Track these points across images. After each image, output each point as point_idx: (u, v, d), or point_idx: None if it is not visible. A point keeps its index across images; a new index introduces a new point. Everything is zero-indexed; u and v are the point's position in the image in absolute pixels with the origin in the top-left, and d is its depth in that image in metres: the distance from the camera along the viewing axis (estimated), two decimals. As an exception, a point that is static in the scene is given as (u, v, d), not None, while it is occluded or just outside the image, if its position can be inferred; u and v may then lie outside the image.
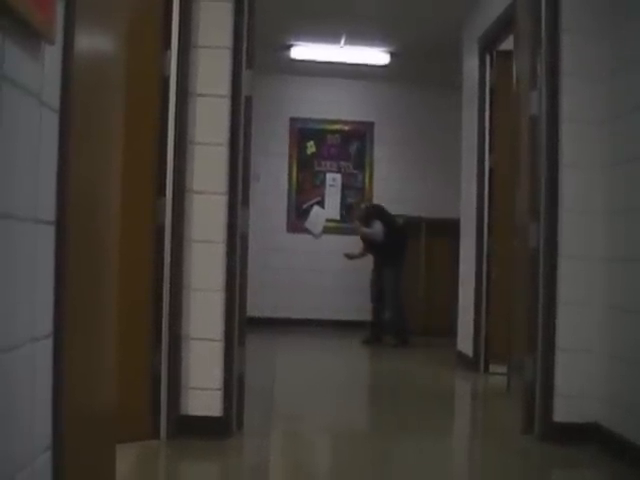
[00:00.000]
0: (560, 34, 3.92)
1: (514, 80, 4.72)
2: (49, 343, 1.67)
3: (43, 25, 1.51)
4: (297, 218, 9.40)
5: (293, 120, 9.48)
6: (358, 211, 8.33)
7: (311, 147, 9.55)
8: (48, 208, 1.65)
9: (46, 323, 1.65)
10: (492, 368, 5.91)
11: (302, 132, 9.52)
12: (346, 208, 8.67)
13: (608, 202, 3.83)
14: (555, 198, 3.89)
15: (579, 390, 3.86)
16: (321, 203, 9.45)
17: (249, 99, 3.95)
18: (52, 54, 1.64)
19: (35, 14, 1.44)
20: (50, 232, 1.66)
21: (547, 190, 3.91)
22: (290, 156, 9.49)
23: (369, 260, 9.24)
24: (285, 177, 9.48)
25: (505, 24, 5.39)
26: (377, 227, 7.91)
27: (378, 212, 8.13)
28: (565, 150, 3.90)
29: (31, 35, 1.49)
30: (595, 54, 3.91)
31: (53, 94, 1.67)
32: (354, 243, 9.26)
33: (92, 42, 1.98)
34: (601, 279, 3.84)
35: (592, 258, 3.87)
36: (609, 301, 3.78)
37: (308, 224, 9.37)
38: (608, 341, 3.78)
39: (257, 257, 8.28)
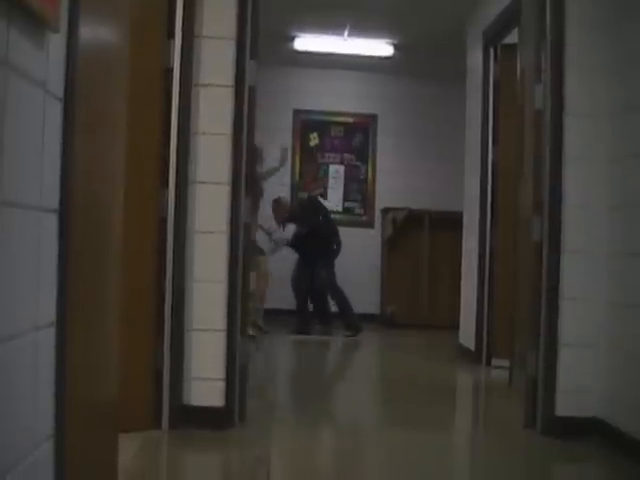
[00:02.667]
0: (565, 27, 3.90)
1: (518, 73, 4.71)
2: (52, 332, 1.67)
3: (48, 13, 1.51)
4: (300, 210, 9.39)
5: (296, 112, 9.47)
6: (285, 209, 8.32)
7: (314, 139, 9.54)
8: (52, 196, 1.65)
9: (49, 312, 1.65)
10: (494, 362, 5.91)
11: (305, 124, 9.51)
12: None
13: (612, 197, 3.82)
14: (559, 192, 3.88)
15: (581, 385, 3.86)
16: (324, 195, 9.44)
17: (253, 89, 3.94)
18: (56, 43, 1.63)
19: (40, 2, 1.44)
20: (54, 220, 1.66)
21: (551, 184, 3.90)
22: (293, 147, 9.47)
23: (373, 253, 9.28)
24: (288, 168, 9.47)
25: (510, 17, 5.38)
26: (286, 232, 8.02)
27: (303, 210, 8.16)
28: (569, 144, 3.89)
29: (36, 23, 1.49)
30: (600, 48, 3.90)
31: (57, 83, 1.66)
32: (356, 235, 9.28)
33: (96, 31, 1.98)
34: (604, 274, 3.83)
35: (595, 253, 3.86)
36: (612, 296, 3.78)
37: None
38: (610, 336, 3.78)
39: (259, 249, 8.28)
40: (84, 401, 1.94)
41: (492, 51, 6.14)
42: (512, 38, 5.53)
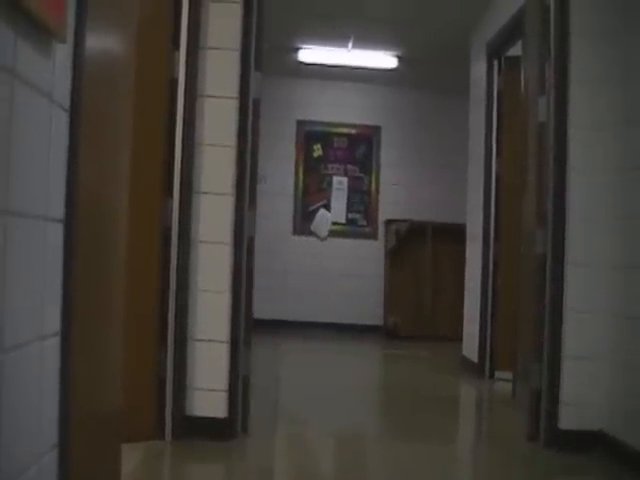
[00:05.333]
0: (569, 40, 3.91)
1: (522, 86, 4.72)
2: (56, 341, 1.66)
3: (55, 24, 1.51)
4: (303, 221, 9.40)
5: (300, 123, 9.49)
6: None
7: (318, 150, 9.55)
8: (57, 206, 1.65)
9: (54, 321, 1.65)
10: (497, 374, 5.90)
11: (309, 135, 9.52)
12: None
13: (615, 209, 3.82)
14: (562, 204, 3.88)
15: (585, 398, 3.85)
16: (327, 206, 9.45)
17: (257, 101, 3.96)
18: (63, 53, 1.64)
19: (47, 13, 1.44)
20: (59, 230, 1.66)
21: (554, 196, 3.90)
22: (297, 159, 9.49)
23: (376, 264, 9.27)
24: (291, 180, 9.48)
25: (513, 30, 5.39)
26: None
27: None
28: (573, 156, 3.89)
29: (43, 34, 1.49)
30: (604, 60, 3.91)
31: (63, 93, 1.67)
32: (359, 246, 9.29)
33: (102, 42, 1.99)
34: (608, 286, 3.83)
35: (599, 265, 3.85)
36: (616, 309, 3.77)
37: (314, 227, 9.37)
38: (614, 349, 3.77)
39: (263, 259, 8.28)
40: (88, 411, 1.93)
41: (496, 63, 6.16)
42: (516, 50, 5.54)
